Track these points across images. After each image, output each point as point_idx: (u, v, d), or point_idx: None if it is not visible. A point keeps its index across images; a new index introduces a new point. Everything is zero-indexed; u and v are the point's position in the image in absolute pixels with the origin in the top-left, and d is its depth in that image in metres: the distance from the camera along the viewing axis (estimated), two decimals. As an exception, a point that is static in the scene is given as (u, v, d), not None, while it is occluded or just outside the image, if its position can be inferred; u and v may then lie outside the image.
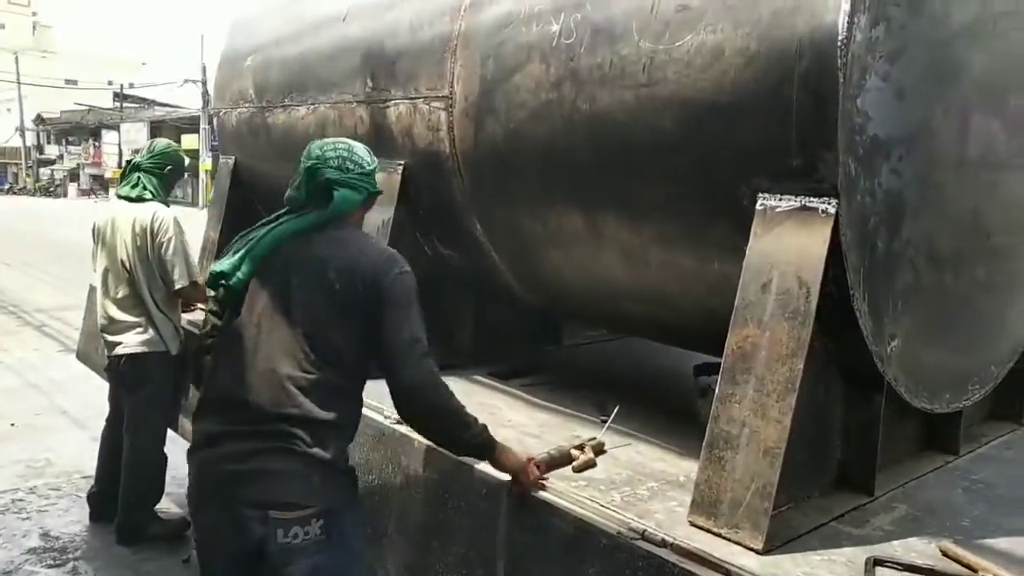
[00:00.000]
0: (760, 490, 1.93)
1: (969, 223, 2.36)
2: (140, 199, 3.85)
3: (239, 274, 2.18)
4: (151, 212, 3.79)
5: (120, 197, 3.92)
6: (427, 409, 2.18)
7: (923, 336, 2.26)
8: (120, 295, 3.81)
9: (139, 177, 3.90)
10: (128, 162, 4.08)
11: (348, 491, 2.20)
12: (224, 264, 2.20)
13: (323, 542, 2.04)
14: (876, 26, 1.91)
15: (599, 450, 2.48)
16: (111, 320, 3.84)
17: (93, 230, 3.96)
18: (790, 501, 2.07)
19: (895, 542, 1.99)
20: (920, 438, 2.58)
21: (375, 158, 2.39)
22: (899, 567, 1.85)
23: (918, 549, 1.96)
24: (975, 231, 2.39)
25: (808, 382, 1.96)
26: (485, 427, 2.24)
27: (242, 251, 2.21)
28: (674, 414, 2.84)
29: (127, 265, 3.77)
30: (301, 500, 2.02)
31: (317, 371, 2.08)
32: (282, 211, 2.32)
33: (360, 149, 2.35)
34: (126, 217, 3.80)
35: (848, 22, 1.85)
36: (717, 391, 2.07)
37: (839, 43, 1.86)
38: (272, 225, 2.26)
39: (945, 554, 1.92)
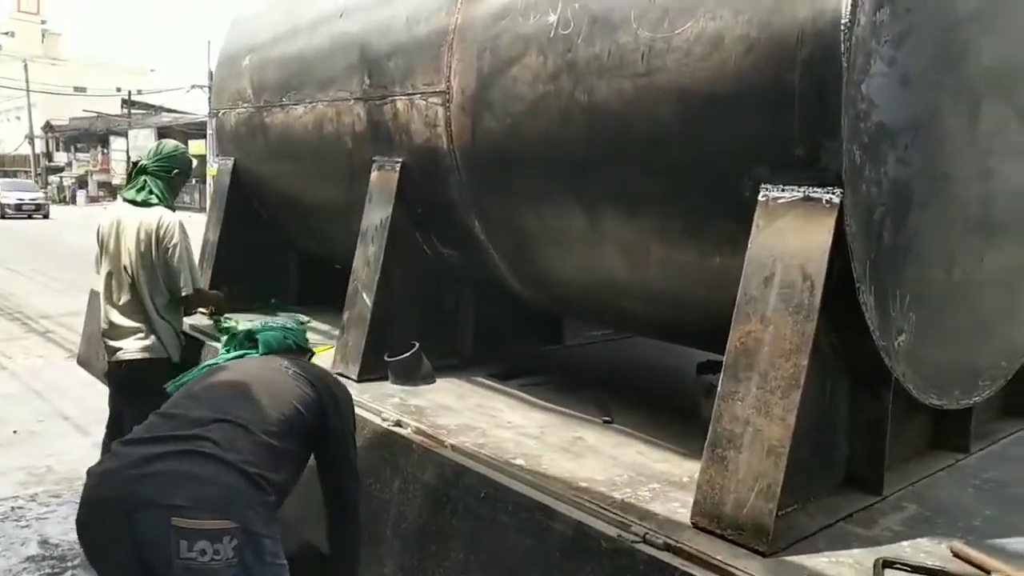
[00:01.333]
0: (764, 490, 1.87)
1: (978, 214, 2.29)
2: (146, 203, 3.79)
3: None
4: (156, 217, 3.74)
5: (126, 200, 3.88)
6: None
7: (931, 330, 2.19)
8: (122, 300, 3.77)
9: (145, 180, 3.84)
10: (134, 164, 4.02)
11: (269, 519, 1.91)
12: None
13: (235, 568, 1.74)
14: (881, 9, 1.85)
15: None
16: (112, 325, 3.80)
17: (97, 233, 3.91)
18: (795, 501, 2.01)
19: (904, 543, 1.93)
20: (929, 436, 2.52)
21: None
22: (909, 568, 1.79)
23: (928, 550, 1.90)
24: (985, 222, 2.32)
25: (813, 378, 1.90)
26: None
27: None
28: (677, 414, 2.79)
29: (130, 270, 3.72)
30: (211, 508, 1.74)
31: (280, 415, 2.11)
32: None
33: (284, 326, 2.68)
34: (131, 221, 3.75)
35: (852, 5, 1.80)
36: (719, 389, 2.01)
37: (842, 27, 1.80)
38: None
39: (956, 555, 1.86)
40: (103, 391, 4.51)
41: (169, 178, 3.89)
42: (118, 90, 45.06)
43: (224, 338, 2.74)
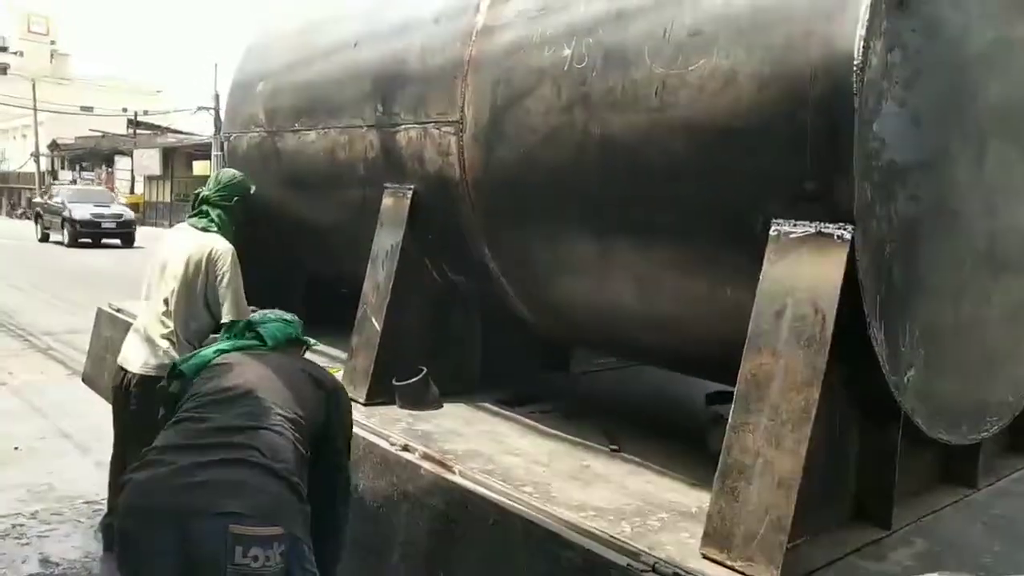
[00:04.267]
0: (775, 522, 1.88)
1: (986, 251, 2.32)
2: (205, 230, 3.88)
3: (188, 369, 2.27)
4: (211, 244, 3.80)
5: (189, 225, 3.96)
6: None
7: (940, 366, 2.21)
8: (158, 316, 3.81)
9: (207, 209, 3.93)
10: (196, 195, 4.11)
11: (308, 526, 1.99)
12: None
13: (281, 573, 1.80)
14: (892, 51, 1.89)
15: None
16: (138, 339, 3.83)
17: (154, 254, 3.98)
18: (805, 534, 2.02)
19: (914, 578, 1.94)
20: (937, 471, 2.53)
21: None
22: (919, 604, 1.79)
23: (938, 586, 1.91)
24: (992, 259, 2.35)
25: (823, 412, 1.92)
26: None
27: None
28: (686, 443, 2.79)
29: (173, 291, 3.78)
30: (266, 515, 1.81)
31: (301, 420, 2.08)
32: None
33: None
34: (185, 245, 3.82)
35: (863, 47, 1.84)
36: (730, 420, 2.03)
37: (855, 68, 1.84)
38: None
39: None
40: (105, 409, 4.51)
41: (229, 206, 3.95)
42: (124, 110, 45.42)
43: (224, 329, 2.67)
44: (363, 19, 3.79)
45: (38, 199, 26.87)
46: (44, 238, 23.46)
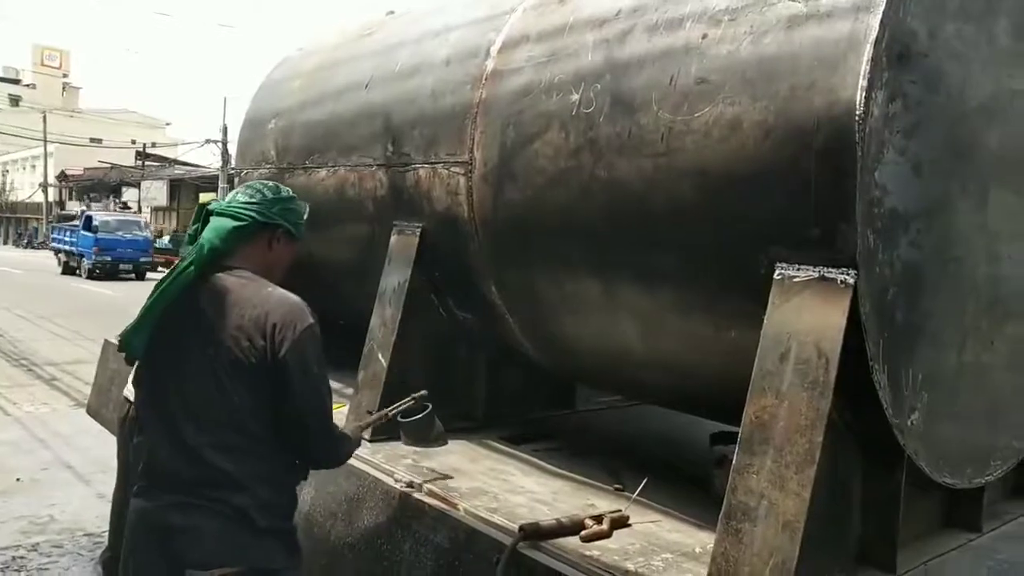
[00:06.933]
0: (779, 565, 1.88)
1: (988, 297, 2.35)
2: None
3: (135, 341, 2.00)
4: None
5: None
6: (331, 467, 2.37)
7: (944, 409, 2.23)
8: None
9: None
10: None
11: (286, 553, 2.08)
12: (124, 331, 2.02)
13: None
14: (893, 102, 1.95)
15: (620, 523, 2.41)
16: None
17: None
18: (809, 577, 2.02)
19: (920, 624, 1.94)
20: (941, 514, 2.53)
21: (282, 192, 2.21)
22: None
23: (944, 632, 1.91)
24: (994, 305, 2.38)
25: (827, 454, 1.93)
26: (349, 440, 2.32)
27: (138, 315, 2.00)
28: (689, 484, 2.80)
29: None
30: (221, 558, 1.93)
31: (227, 434, 1.98)
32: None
33: (259, 183, 2.20)
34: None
35: (865, 97, 1.89)
36: (735, 461, 2.04)
37: (857, 117, 1.89)
38: (165, 281, 2.02)
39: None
40: (108, 441, 4.53)
41: None
42: (133, 142, 45.92)
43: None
44: (376, 60, 3.87)
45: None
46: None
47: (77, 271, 22.57)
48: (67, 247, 24.14)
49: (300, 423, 2.04)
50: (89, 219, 23.78)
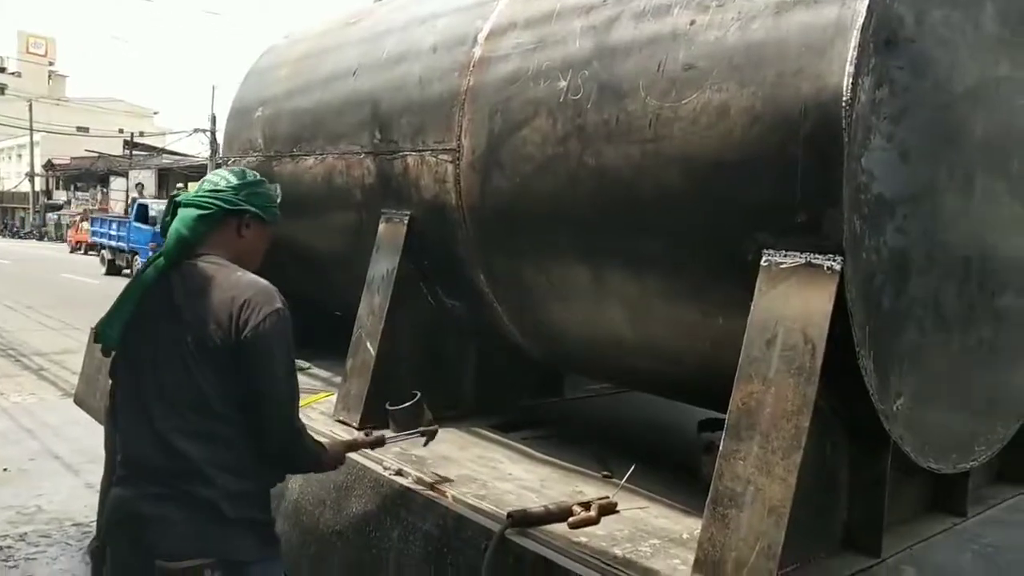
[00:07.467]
0: (765, 550, 1.89)
1: (975, 283, 2.36)
2: None
3: (110, 331, 2.02)
4: None
5: None
6: (288, 467, 2.30)
7: (929, 395, 2.24)
8: None
9: None
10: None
11: (259, 544, 2.06)
12: (99, 322, 2.04)
13: None
14: (880, 88, 1.95)
15: (608, 509, 2.42)
16: None
17: None
18: (795, 561, 2.03)
19: (904, 607, 1.95)
20: (926, 499, 2.55)
21: (248, 177, 2.23)
22: (908, 633, 1.81)
23: (927, 615, 1.92)
24: (981, 291, 2.39)
25: (814, 440, 1.94)
26: (322, 448, 2.28)
27: (112, 306, 2.03)
28: (677, 470, 2.81)
29: None
30: (189, 549, 1.93)
31: (193, 418, 1.97)
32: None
33: (225, 170, 2.22)
34: None
35: (852, 83, 1.89)
36: (721, 447, 2.05)
37: (844, 104, 1.89)
38: (140, 272, 2.09)
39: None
40: (95, 430, 4.51)
41: None
42: (120, 131, 45.57)
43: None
44: (363, 48, 3.85)
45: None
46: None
47: (127, 270, 19.13)
48: (113, 242, 20.46)
49: (256, 407, 2.00)
50: (144, 209, 20.33)
